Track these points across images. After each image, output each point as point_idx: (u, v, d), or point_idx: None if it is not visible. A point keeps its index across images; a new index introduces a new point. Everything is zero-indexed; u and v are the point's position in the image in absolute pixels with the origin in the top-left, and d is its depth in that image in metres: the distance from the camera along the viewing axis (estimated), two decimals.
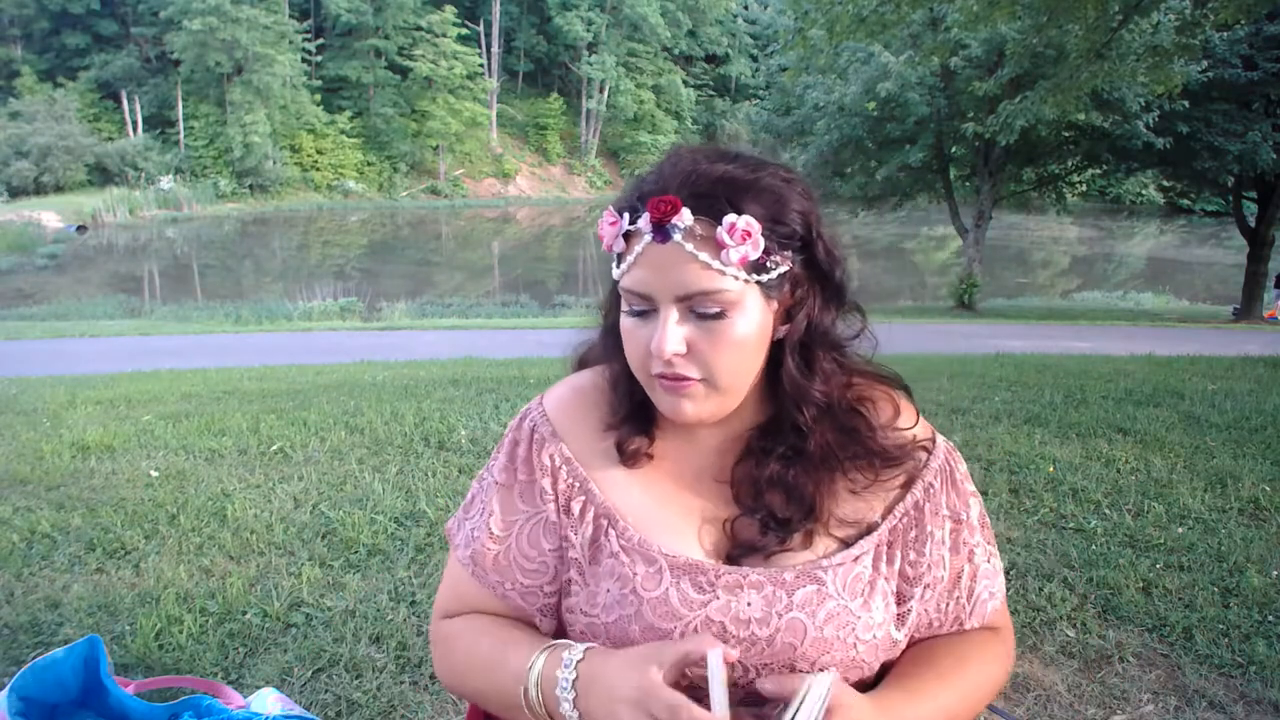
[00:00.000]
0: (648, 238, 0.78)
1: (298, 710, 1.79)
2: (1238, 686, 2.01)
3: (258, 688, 1.89)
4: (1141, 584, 2.48)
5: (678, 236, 0.77)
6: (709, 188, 0.78)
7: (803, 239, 0.82)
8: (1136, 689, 2.00)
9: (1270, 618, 2.30)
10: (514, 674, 0.83)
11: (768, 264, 0.79)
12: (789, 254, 0.81)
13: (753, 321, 0.80)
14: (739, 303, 0.79)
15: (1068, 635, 2.22)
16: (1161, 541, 2.78)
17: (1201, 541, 2.79)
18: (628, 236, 0.81)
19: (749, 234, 0.77)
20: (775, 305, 0.82)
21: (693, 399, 0.82)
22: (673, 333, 0.79)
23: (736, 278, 0.78)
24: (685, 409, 0.83)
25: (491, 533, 0.91)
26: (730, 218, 0.77)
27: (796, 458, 0.86)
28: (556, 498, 0.90)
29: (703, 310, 0.79)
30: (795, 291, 0.83)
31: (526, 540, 0.90)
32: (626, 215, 0.80)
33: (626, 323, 0.83)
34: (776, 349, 0.85)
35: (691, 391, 0.82)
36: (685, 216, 0.77)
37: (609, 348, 0.91)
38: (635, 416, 0.90)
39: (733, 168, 0.80)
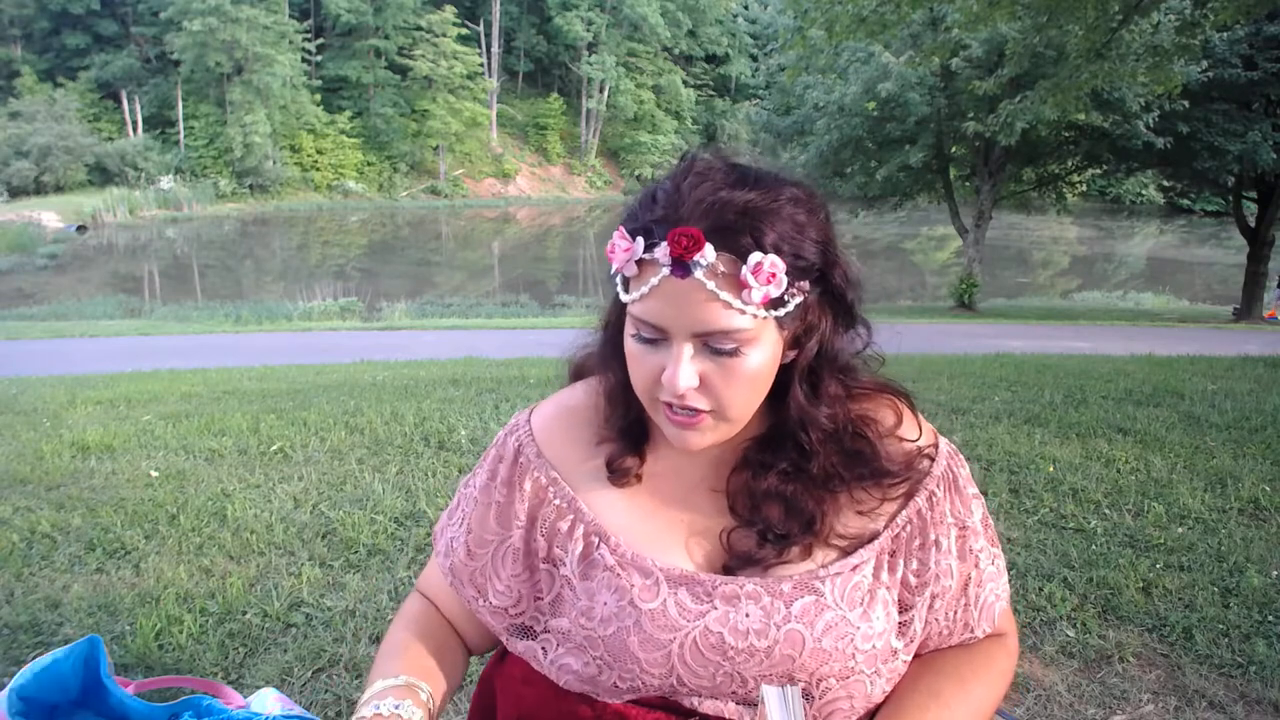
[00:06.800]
0: (665, 271, 0.74)
1: (298, 710, 1.78)
2: (1238, 686, 2.01)
3: (258, 688, 1.88)
4: (1141, 584, 2.48)
5: (699, 274, 0.73)
6: (732, 221, 0.73)
7: (820, 268, 0.79)
8: (1136, 689, 2.00)
9: (1270, 618, 2.30)
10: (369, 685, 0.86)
11: (785, 297, 0.76)
12: (805, 284, 0.78)
13: (766, 354, 0.78)
14: (755, 339, 0.76)
15: (1068, 635, 2.22)
16: (1161, 541, 2.78)
17: (1201, 541, 2.79)
18: (641, 263, 0.76)
19: (774, 275, 0.73)
20: (786, 333, 0.80)
21: (701, 432, 0.81)
22: (687, 369, 0.76)
23: (755, 316, 0.75)
24: (692, 440, 0.81)
25: (469, 549, 0.93)
26: (756, 257, 0.73)
27: (798, 475, 0.85)
28: (534, 523, 0.90)
29: (718, 346, 0.76)
30: (807, 317, 0.81)
31: (500, 564, 0.91)
32: (641, 240, 0.75)
33: (633, 347, 0.80)
34: (783, 371, 0.83)
35: (701, 425, 0.80)
36: (708, 253, 0.72)
37: (607, 359, 0.88)
38: (629, 432, 0.89)
39: (754, 196, 0.75)
